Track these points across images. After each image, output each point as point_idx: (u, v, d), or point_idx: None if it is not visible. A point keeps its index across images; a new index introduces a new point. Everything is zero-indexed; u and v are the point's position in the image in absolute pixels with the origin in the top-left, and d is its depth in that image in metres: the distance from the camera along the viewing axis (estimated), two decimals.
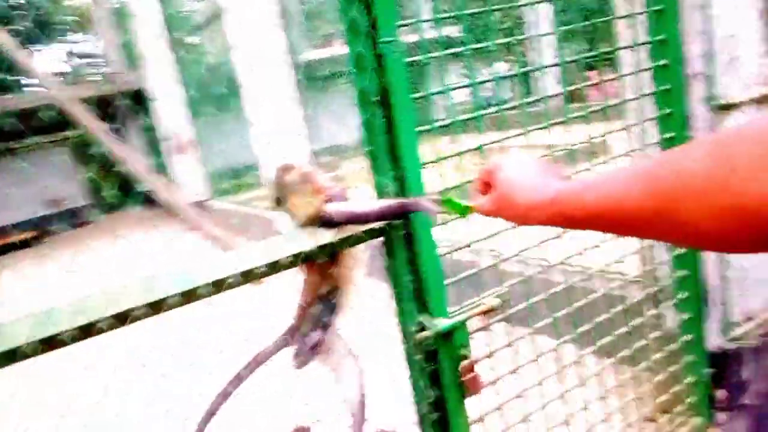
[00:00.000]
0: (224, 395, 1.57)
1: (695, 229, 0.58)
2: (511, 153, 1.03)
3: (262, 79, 6.42)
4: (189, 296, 1.25)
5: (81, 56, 20.93)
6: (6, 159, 13.81)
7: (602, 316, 1.94)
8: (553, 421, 1.88)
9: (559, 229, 1.85)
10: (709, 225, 0.56)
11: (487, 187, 1.03)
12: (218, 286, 1.28)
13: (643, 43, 1.94)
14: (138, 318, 1.21)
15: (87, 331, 1.16)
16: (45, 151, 15.36)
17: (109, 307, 1.20)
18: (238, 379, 1.56)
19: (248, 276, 1.32)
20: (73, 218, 14.59)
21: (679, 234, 0.62)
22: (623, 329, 2.00)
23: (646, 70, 1.96)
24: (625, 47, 1.98)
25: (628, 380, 2.06)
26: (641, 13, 1.92)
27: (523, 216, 0.90)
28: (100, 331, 1.18)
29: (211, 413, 1.53)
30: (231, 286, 1.30)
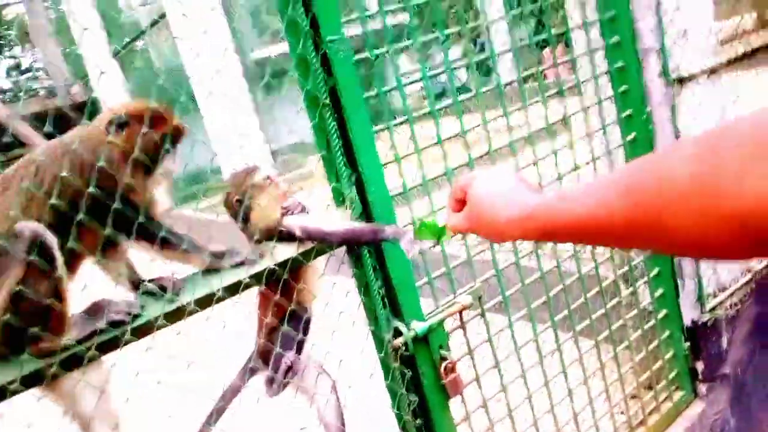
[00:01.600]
0: (204, 427, 1.49)
1: (684, 238, 0.53)
2: (482, 168, 0.99)
3: (213, 80, 6.23)
4: (143, 332, 1.17)
5: (22, 71, 20.10)
6: None
7: (578, 299, 1.92)
8: (538, 411, 1.86)
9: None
10: (699, 232, 0.51)
11: (460, 204, 0.98)
12: (174, 316, 1.20)
13: (593, 22, 1.90)
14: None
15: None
16: None
17: None
18: (216, 414, 1.48)
19: (207, 302, 1.24)
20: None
21: (664, 243, 0.58)
22: (600, 311, 1.99)
23: (598, 50, 1.94)
24: (576, 27, 1.95)
25: (609, 360, 2.05)
26: None
27: (499, 232, 0.86)
28: None
29: None
30: (190, 314, 1.22)
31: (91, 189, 1.12)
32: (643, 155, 0.76)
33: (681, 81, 2.01)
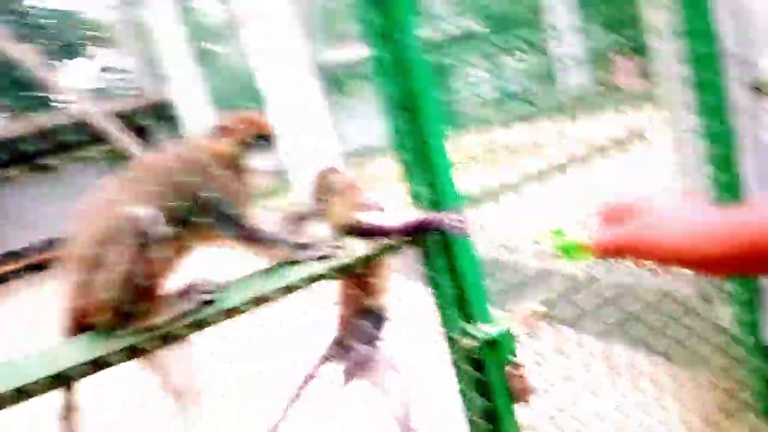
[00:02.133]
0: (284, 413, 1.58)
1: None
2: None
3: (286, 84, 6.44)
4: (230, 314, 1.26)
5: (108, 71, 21.39)
6: (38, 177, 14.20)
7: (654, 315, 1.88)
8: (608, 426, 1.83)
9: None
10: None
11: (614, 219, 0.87)
12: (257, 302, 1.28)
13: (673, 30, 1.87)
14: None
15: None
16: (75, 168, 15.75)
17: None
18: (295, 397, 1.57)
19: (289, 290, 1.32)
20: None
21: None
22: (677, 329, 1.94)
23: (677, 59, 1.90)
24: (656, 35, 1.92)
25: (686, 381, 1.99)
26: None
27: (684, 248, 0.76)
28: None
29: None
30: (271, 301, 1.30)
31: (194, 189, 1.27)
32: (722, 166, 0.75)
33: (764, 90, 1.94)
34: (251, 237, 1.33)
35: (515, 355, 1.55)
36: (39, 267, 13.29)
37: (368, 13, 1.42)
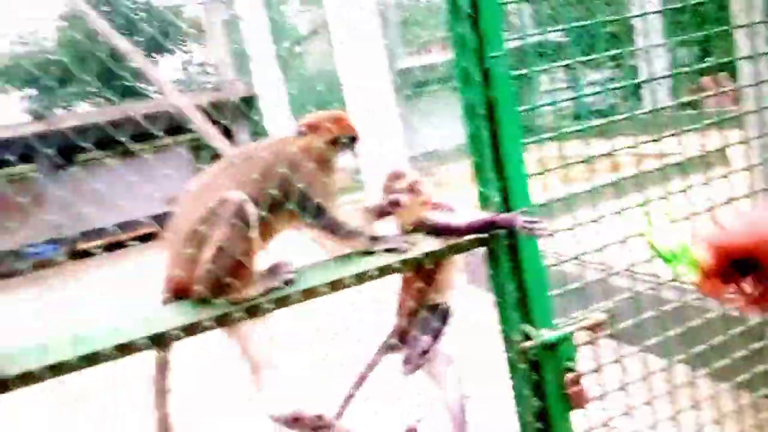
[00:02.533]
0: (349, 397, 1.68)
1: None
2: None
3: (364, 87, 6.62)
4: (309, 294, 1.37)
5: (195, 65, 22.51)
6: (129, 160, 15.15)
7: (718, 337, 1.85)
8: None
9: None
10: None
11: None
12: (334, 286, 1.39)
13: (764, 53, 1.84)
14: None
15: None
16: (163, 154, 16.68)
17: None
18: (360, 381, 1.67)
19: (362, 278, 1.41)
20: None
21: None
22: (741, 352, 1.90)
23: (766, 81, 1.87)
24: (745, 57, 1.89)
25: (747, 406, 1.95)
26: (762, 23, 1.83)
27: None
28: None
29: (339, 415, 1.65)
30: (347, 286, 1.41)
31: (285, 179, 1.40)
32: None
33: None
34: (333, 227, 1.44)
35: (574, 362, 1.58)
36: (141, 239, 14.21)
37: (457, 25, 1.50)
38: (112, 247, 14.06)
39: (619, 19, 1.83)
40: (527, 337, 1.57)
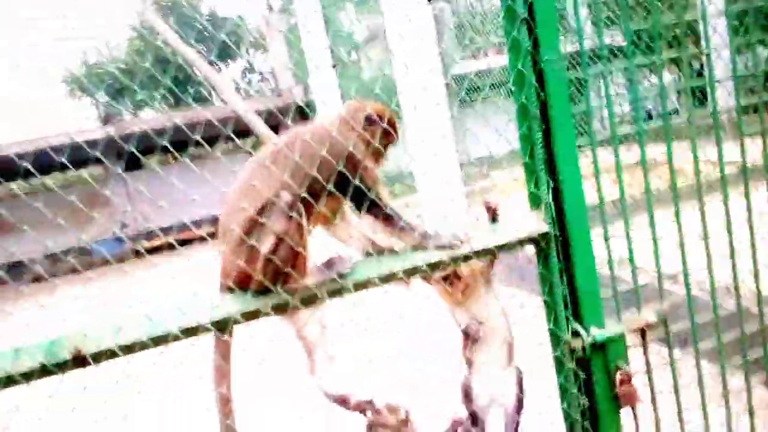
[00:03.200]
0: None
1: None
2: None
3: (417, 91, 6.67)
4: (361, 286, 1.43)
5: (256, 72, 23.23)
6: (193, 162, 15.75)
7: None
8: None
9: (726, 248, 1.77)
10: None
11: None
12: (386, 279, 1.44)
13: None
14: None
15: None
16: (225, 158, 17.22)
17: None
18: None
19: (413, 272, 1.46)
20: None
21: None
22: None
23: None
24: None
25: None
26: None
27: None
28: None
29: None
30: (400, 279, 1.46)
31: (339, 167, 1.44)
32: None
33: None
34: (386, 218, 1.49)
35: (625, 361, 1.58)
36: (188, 242, 14.78)
37: (513, 28, 1.53)
38: (172, 246, 14.68)
39: (679, 23, 1.81)
40: (576, 336, 1.57)
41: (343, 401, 1.54)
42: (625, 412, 1.62)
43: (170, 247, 14.74)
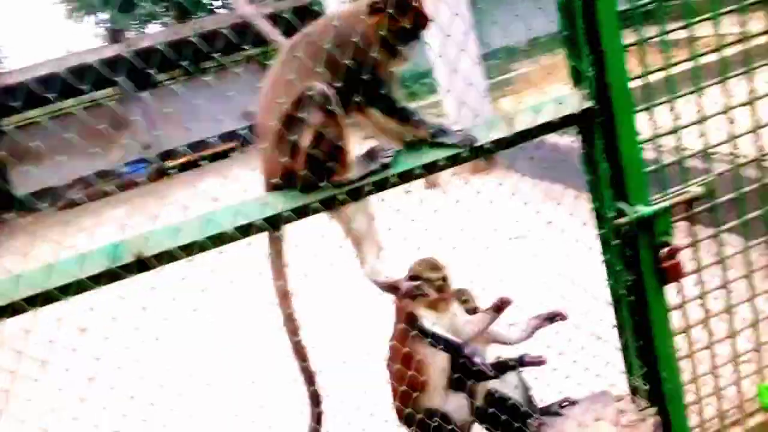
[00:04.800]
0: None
1: None
2: None
3: None
4: (406, 177, 1.43)
5: None
6: (202, 77, 15.49)
7: None
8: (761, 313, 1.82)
9: (748, 122, 1.70)
10: None
11: None
12: (430, 169, 1.44)
13: None
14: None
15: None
16: (233, 70, 16.94)
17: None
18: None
19: (455, 160, 1.45)
20: None
21: None
22: None
23: None
24: None
25: None
26: None
27: None
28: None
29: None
30: (441, 169, 1.46)
31: (347, 60, 1.38)
32: None
33: None
34: (401, 114, 1.45)
35: (670, 236, 1.58)
36: (218, 156, 14.78)
37: None
38: (190, 166, 14.75)
39: None
40: (622, 214, 1.57)
41: (392, 288, 1.60)
42: (670, 287, 1.64)
43: (194, 164, 14.89)
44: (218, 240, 1.30)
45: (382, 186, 1.40)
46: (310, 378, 1.62)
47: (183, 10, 19.46)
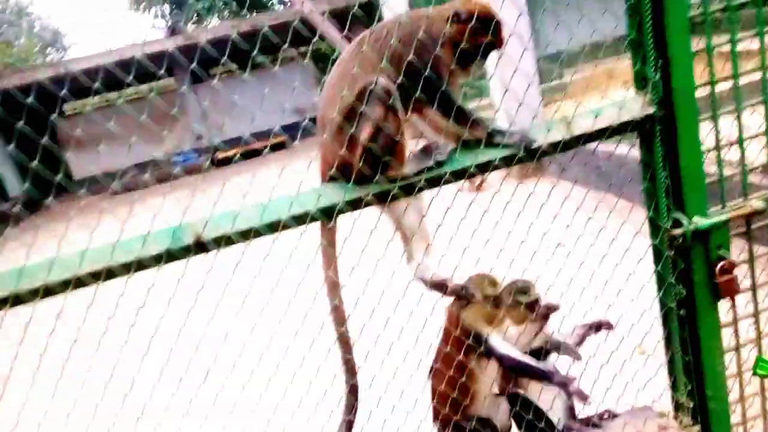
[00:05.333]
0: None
1: None
2: None
3: None
4: (459, 175, 1.44)
5: None
6: (261, 72, 15.81)
7: None
8: None
9: None
10: None
11: None
12: (483, 168, 1.45)
13: None
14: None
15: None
16: (290, 66, 17.22)
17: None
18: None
19: (509, 161, 1.45)
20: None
21: None
22: None
23: None
24: None
25: None
26: None
27: None
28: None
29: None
30: (495, 168, 1.46)
31: (414, 59, 1.41)
32: None
33: None
34: (461, 115, 1.45)
35: (727, 250, 1.53)
36: (272, 148, 15.07)
37: None
38: (248, 155, 15.09)
39: None
40: (677, 224, 1.53)
41: (439, 287, 1.61)
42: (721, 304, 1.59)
43: (246, 155, 15.23)
44: (274, 227, 1.34)
45: (435, 183, 1.42)
46: (351, 369, 1.65)
47: (241, 5, 19.92)
